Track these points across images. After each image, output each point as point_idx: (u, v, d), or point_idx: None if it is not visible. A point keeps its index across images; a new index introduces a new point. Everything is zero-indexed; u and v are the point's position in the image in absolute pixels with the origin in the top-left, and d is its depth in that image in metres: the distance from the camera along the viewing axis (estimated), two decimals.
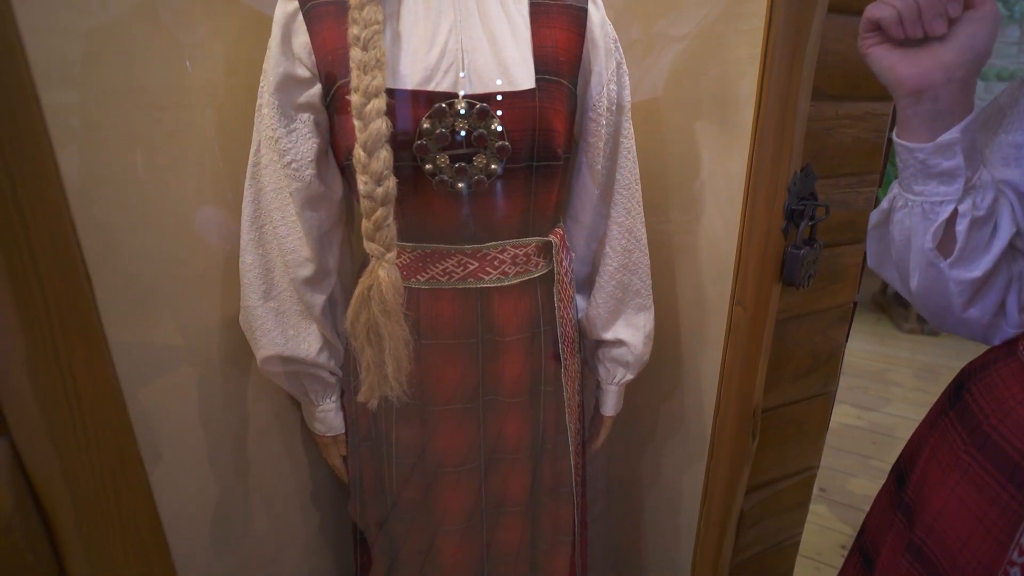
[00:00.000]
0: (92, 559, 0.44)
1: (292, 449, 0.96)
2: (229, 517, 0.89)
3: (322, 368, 0.77)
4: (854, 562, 0.80)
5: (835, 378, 0.84)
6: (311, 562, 1.06)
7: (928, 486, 0.61)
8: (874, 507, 0.78)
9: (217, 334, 0.79)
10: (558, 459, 0.82)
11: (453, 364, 0.73)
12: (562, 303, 0.77)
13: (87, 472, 0.41)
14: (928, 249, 0.53)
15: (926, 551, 0.58)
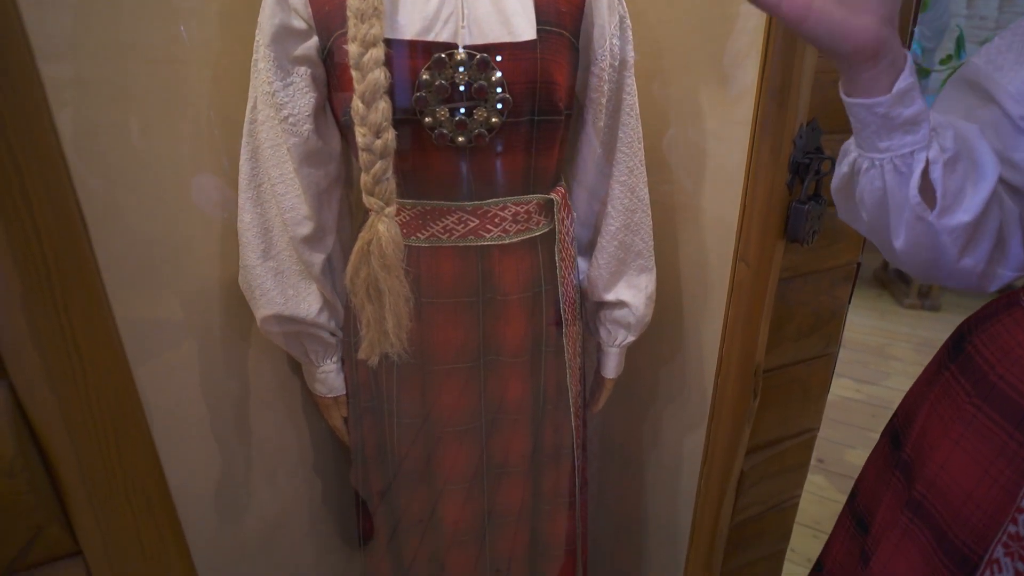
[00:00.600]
0: (95, 503, 0.44)
1: (294, 417, 0.97)
2: (233, 486, 0.89)
3: (322, 328, 0.76)
4: (846, 526, 0.79)
5: (837, 339, 0.83)
6: (316, 530, 1.07)
7: (929, 442, 0.61)
8: (866, 471, 0.77)
9: (216, 296, 0.79)
10: (559, 421, 0.83)
11: (454, 323, 0.73)
12: (563, 263, 0.76)
13: (87, 417, 0.41)
14: (915, 204, 0.50)
15: (927, 506, 0.58)
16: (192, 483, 0.83)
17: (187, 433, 0.80)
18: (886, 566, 0.62)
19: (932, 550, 0.57)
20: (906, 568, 0.60)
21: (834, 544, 0.80)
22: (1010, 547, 0.51)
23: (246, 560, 0.94)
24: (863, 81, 0.48)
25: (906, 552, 0.60)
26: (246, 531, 0.93)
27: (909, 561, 0.60)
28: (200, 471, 0.84)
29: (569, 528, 0.90)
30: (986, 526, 0.52)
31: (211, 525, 0.87)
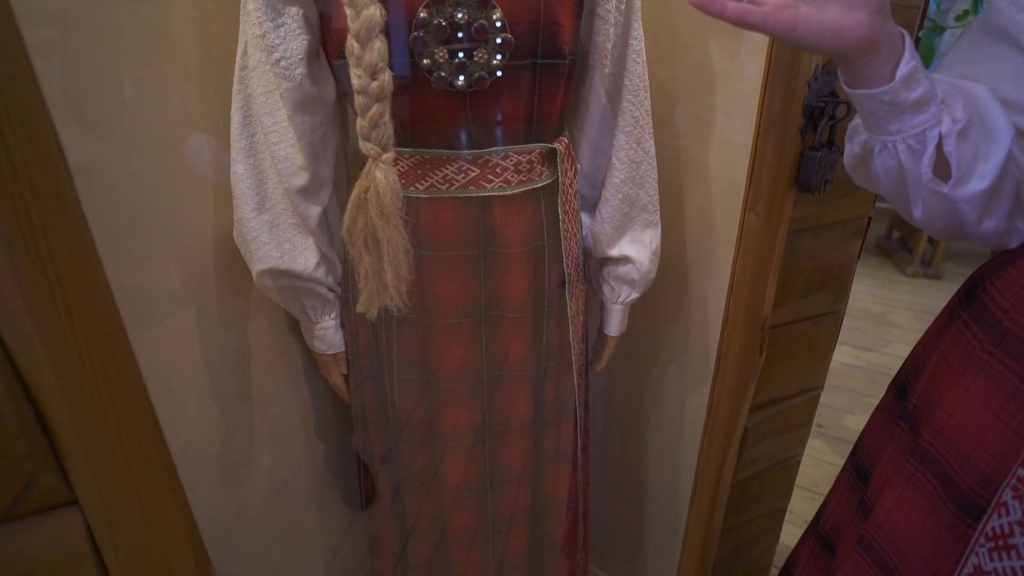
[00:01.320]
0: (88, 451, 0.43)
1: (295, 380, 0.96)
2: (235, 451, 0.89)
3: (320, 284, 0.75)
4: (846, 479, 0.79)
5: (845, 296, 0.82)
6: (318, 491, 1.07)
7: (938, 390, 0.60)
8: (870, 424, 0.76)
9: (212, 255, 0.77)
10: (561, 378, 0.82)
11: (454, 277, 0.71)
12: (567, 216, 0.74)
13: (74, 357, 0.40)
14: (928, 180, 0.51)
15: (934, 454, 0.58)
16: (193, 448, 0.82)
17: (187, 398, 0.80)
18: (889, 515, 0.62)
19: (938, 497, 0.57)
20: (910, 516, 0.60)
21: (833, 496, 0.81)
22: (1019, 490, 0.50)
23: (249, 524, 0.95)
24: (864, 73, 0.48)
25: (910, 500, 0.60)
26: (248, 495, 0.93)
27: (913, 509, 0.60)
28: (201, 436, 0.83)
29: (571, 487, 0.90)
30: (995, 471, 0.52)
31: (213, 490, 0.87)
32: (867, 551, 0.65)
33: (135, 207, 0.67)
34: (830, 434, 2.00)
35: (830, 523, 0.83)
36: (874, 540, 0.64)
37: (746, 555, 1.03)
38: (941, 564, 0.56)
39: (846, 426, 2.04)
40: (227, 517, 0.90)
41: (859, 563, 0.66)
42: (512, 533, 0.88)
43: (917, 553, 0.59)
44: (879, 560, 0.64)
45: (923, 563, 0.58)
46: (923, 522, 0.58)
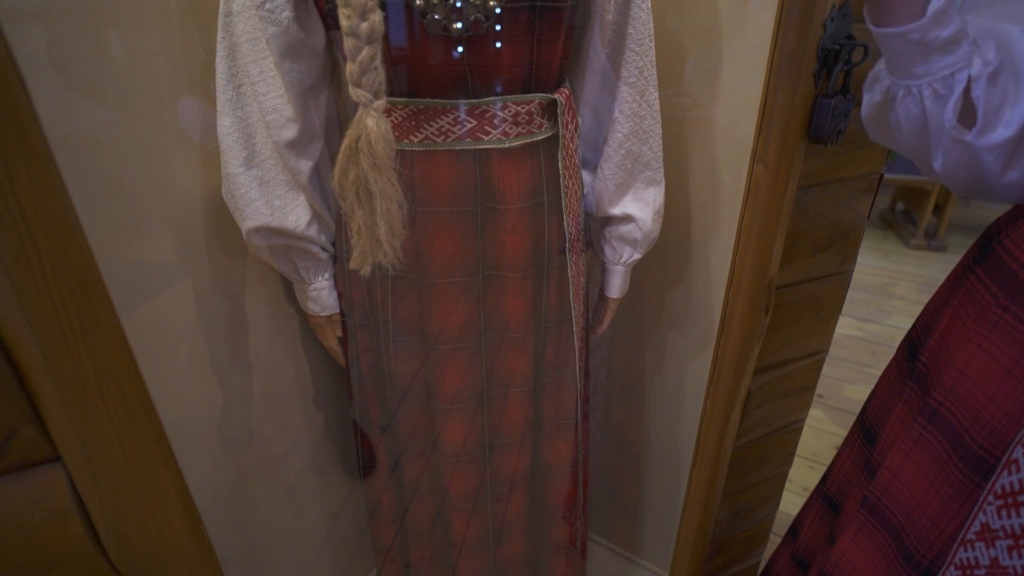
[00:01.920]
0: (67, 403, 0.41)
1: (293, 346, 0.95)
2: (232, 421, 0.88)
3: (312, 242, 0.72)
4: (854, 440, 0.79)
5: (853, 257, 0.80)
6: (317, 460, 1.07)
7: (949, 347, 0.59)
8: (879, 385, 0.76)
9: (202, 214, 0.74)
10: (562, 341, 0.80)
11: (451, 234, 0.69)
12: (567, 171, 0.71)
13: (46, 305, 0.37)
14: (951, 127, 0.48)
15: (944, 413, 0.56)
16: (192, 416, 0.81)
17: (183, 366, 0.78)
18: (895, 476, 0.61)
19: (946, 456, 0.56)
20: (916, 476, 0.59)
21: (840, 457, 0.80)
22: None
23: (248, 494, 0.94)
24: (892, 8, 0.45)
25: (917, 459, 0.59)
26: (247, 465, 0.93)
27: (920, 469, 0.59)
28: (199, 404, 0.82)
29: (571, 452, 0.88)
30: (1006, 427, 0.50)
31: (212, 460, 0.87)
32: (872, 512, 0.64)
33: (118, 167, 0.64)
34: (830, 404, 2.00)
35: (836, 484, 0.82)
36: (879, 501, 0.63)
37: (746, 520, 1.02)
38: (947, 524, 0.55)
39: (847, 396, 2.04)
40: (226, 487, 0.90)
41: (863, 524, 0.65)
42: (511, 498, 0.88)
43: (923, 513, 0.58)
44: (884, 521, 0.63)
45: (929, 523, 0.57)
46: (930, 482, 0.57)
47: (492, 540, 0.90)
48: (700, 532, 0.89)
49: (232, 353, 0.84)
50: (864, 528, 0.65)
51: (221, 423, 0.87)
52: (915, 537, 0.58)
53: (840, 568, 0.68)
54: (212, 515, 0.88)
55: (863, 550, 0.65)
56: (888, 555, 0.62)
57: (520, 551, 0.93)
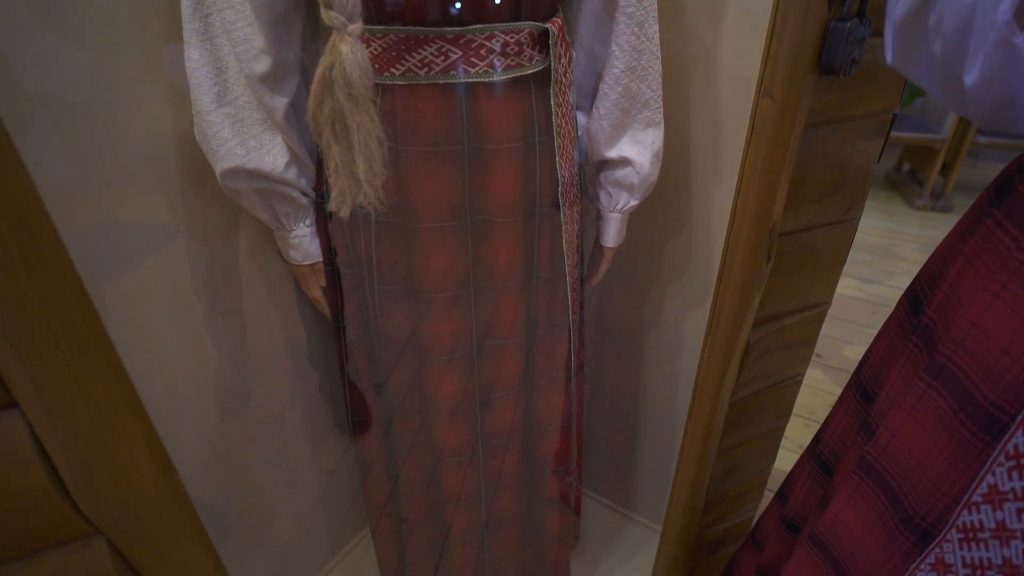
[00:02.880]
0: (12, 336, 0.38)
1: (286, 307, 0.92)
2: (225, 382, 0.87)
3: (291, 186, 0.69)
4: (849, 399, 0.75)
5: (860, 203, 0.76)
6: (313, 418, 1.06)
7: (960, 298, 0.55)
8: (876, 342, 0.72)
9: (174, 158, 0.70)
10: (554, 291, 0.77)
11: (436, 175, 0.65)
12: (560, 109, 0.67)
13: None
14: (1002, 24, 0.42)
15: (951, 368, 0.52)
16: (184, 380, 0.80)
17: (172, 335, 0.76)
18: (895, 436, 0.58)
19: (952, 414, 0.52)
20: (918, 436, 0.55)
21: (834, 418, 0.77)
22: None
23: (245, 452, 0.94)
24: None
25: (919, 418, 0.55)
26: (243, 424, 0.92)
27: (923, 428, 0.55)
28: (191, 368, 0.81)
29: (564, 404, 0.87)
30: (1023, 383, 0.47)
31: (208, 421, 0.86)
32: (868, 473, 0.61)
33: (78, 106, 0.60)
34: (829, 364, 1.99)
35: (829, 446, 0.79)
36: (876, 462, 0.60)
37: (740, 475, 1.02)
38: (951, 485, 0.52)
39: (845, 356, 2.03)
40: (225, 444, 0.90)
41: (859, 485, 0.62)
42: (504, 453, 0.86)
43: (923, 474, 0.54)
44: (881, 482, 0.60)
45: (930, 484, 0.53)
46: (933, 442, 0.53)
47: (485, 495, 0.90)
48: (694, 487, 0.88)
49: (220, 311, 0.82)
50: (860, 490, 0.62)
51: (215, 386, 0.86)
52: (914, 499, 0.55)
53: (833, 531, 0.65)
54: (210, 473, 0.88)
55: (858, 512, 0.62)
56: (884, 517, 0.59)
57: (513, 506, 0.92)
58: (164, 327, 0.75)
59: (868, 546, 0.60)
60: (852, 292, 2.41)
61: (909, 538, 0.55)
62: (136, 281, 0.69)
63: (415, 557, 0.97)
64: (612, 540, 1.22)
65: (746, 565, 1.00)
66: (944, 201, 3.11)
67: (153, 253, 0.71)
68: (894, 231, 2.94)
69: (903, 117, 3.20)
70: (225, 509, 0.93)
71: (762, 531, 0.96)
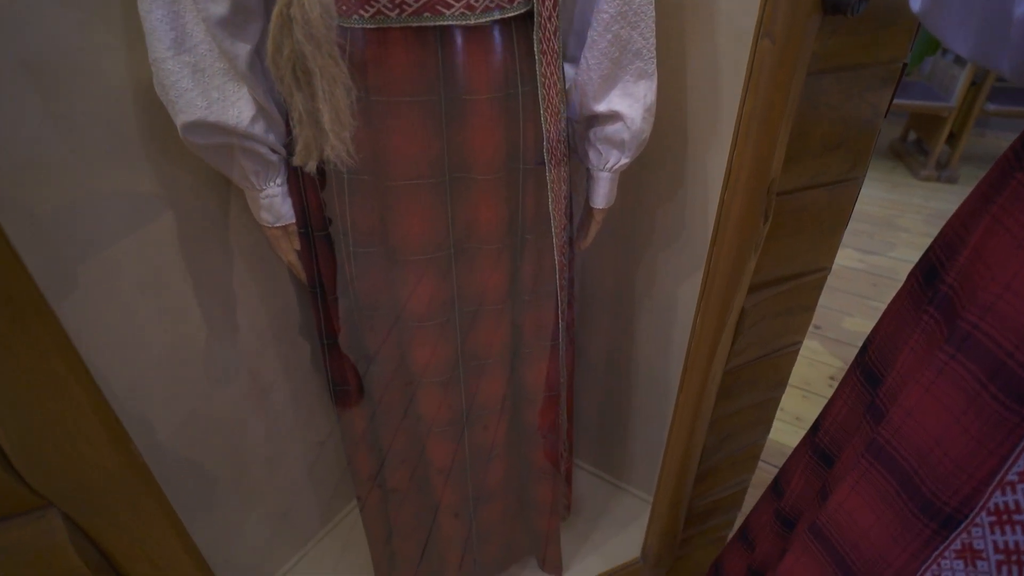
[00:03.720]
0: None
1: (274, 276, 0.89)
2: (213, 353, 0.85)
3: (258, 142, 0.64)
4: (852, 383, 0.71)
5: (865, 162, 0.72)
6: (302, 395, 1.04)
7: (986, 260, 0.50)
8: (883, 320, 0.67)
9: (132, 112, 0.66)
10: (540, 254, 0.73)
11: (410, 127, 0.61)
12: (545, 56, 0.62)
13: None
14: None
15: (978, 337, 0.47)
16: (168, 357, 0.78)
17: (154, 307, 0.74)
18: (911, 413, 0.53)
19: (980, 387, 0.47)
20: (938, 412, 0.50)
21: (835, 403, 0.72)
22: None
23: (230, 428, 0.92)
24: None
25: (939, 394, 0.50)
26: (229, 400, 0.90)
27: (942, 404, 0.50)
28: (180, 341, 0.79)
29: (552, 374, 0.84)
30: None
31: (192, 396, 0.84)
32: (878, 457, 0.56)
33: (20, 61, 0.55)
34: (827, 335, 1.97)
35: (830, 434, 0.73)
36: (888, 444, 0.55)
37: (734, 445, 1.00)
38: (978, 466, 0.47)
39: (845, 328, 2.00)
40: (217, 414, 0.88)
41: (866, 471, 0.57)
42: (491, 422, 0.84)
43: (944, 455, 0.49)
44: (892, 467, 0.55)
45: (952, 466, 0.49)
46: (955, 419, 0.49)
47: (472, 466, 0.88)
48: (685, 458, 0.86)
49: (204, 281, 0.80)
50: (867, 476, 0.57)
51: (205, 355, 0.84)
52: (933, 483, 0.50)
53: (835, 521, 0.61)
54: (198, 445, 0.87)
55: (865, 500, 0.57)
56: (896, 504, 0.54)
57: (502, 477, 0.90)
58: (144, 299, 0.73)
59: (876, 536, 0.56)
60: (852, 263, 2.37)
61: (929, 525, 0.51)
62: (110, 256, 0.67)
63: (403, 528, 0.96)
64: (604, 511, 1.21)
65: (736, 565, 0.95)
66: (950, 171, 3.05)
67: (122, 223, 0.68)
68: (897, 202, 2.89)
69: (910, 84, 3.12)
70: (213, 480, 0.92)
71: (753, 528, 0.91)
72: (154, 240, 0.72)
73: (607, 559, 1.10)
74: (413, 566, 1.01)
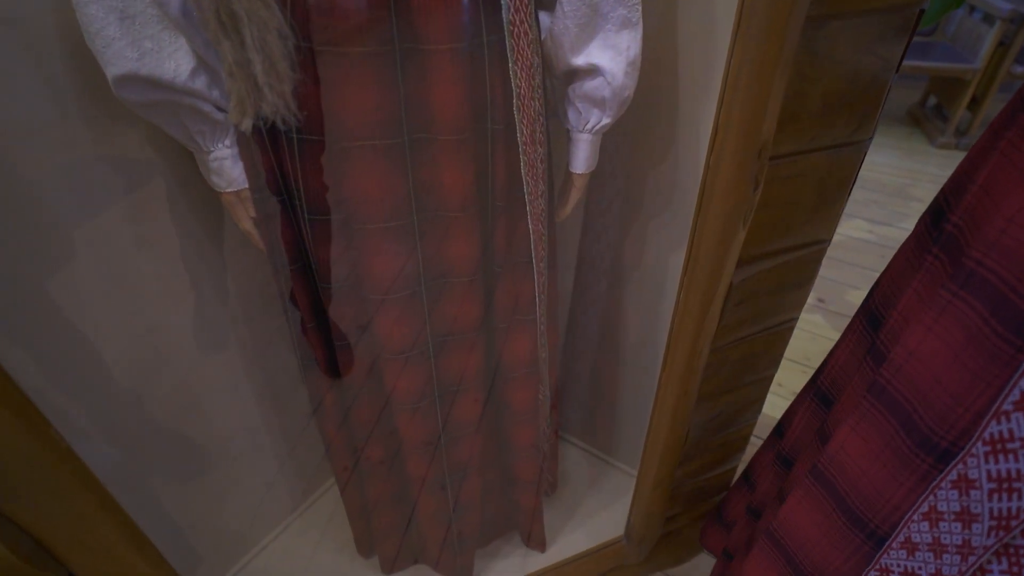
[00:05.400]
0: None
1: None
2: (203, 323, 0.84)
3: (200, 98, 0.58)
4: (856, 327, 0.71)
5: (871, 124, 0.65)
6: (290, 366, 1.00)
7: (994, 197, 0.48)
8: (891, 265, 0.67)
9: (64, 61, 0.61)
10: (513, 222, 0.68)
11: (361, 81, 0.55)
12: (513, 1, 0.55)
13: None
14: None
15: (983, 273, 0.46)
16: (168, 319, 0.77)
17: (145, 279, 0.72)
18: (913, 352, 0.52)
19: (982, 323, 0.46)
20: (940, 350, 0.50)
21: (838, 348, 0.73)
22: None
23: (220, 397, 0.91)
24: None
25: (941, 333, 0.50)
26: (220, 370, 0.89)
27: (943, 341, 0.49)
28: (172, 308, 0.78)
29: (530, 350, 0.80)
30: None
31: (190, 360, 0.83)
32: (879, 397, 0.56)
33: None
34: (831, 309, 1.90)
35: (831, 377, 0.75)
36: (889, 384, 0.55)
37: (726, 425, 0.96)
38: (975, 399, 0.47)
39: (848, 301, 1.94)
40: (208, 380, 0.88)
41: (867, 411, 0.57)
42: (462, 400, 0.80)
43: (943, 391, 0.49)
44: (893, 406, 0.55)
45: (951, 401, 0.49)
46: (955, 355, 0.48)
47: (446, 442, 0.84)
48: (671, 436, 0.82)
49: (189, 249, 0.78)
50: (868, 416, 0.57)
51: (196, 325, 0.83)
52: (931, 419, 0.51)
53: (836, 462, 0.61)
54: (187, 417, 0.87)
55: (865, 440, 0.58)
56: (895, 442, 0.55)
57: (478, 453, 0.87)
58: (133, 273, 0.72)
59: (875, 475, 0.57)
60: (861, 234, 2.29)
61: (926, 460, 0.52)
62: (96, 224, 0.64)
63: (380, 504, 0.94)
64: (590, 486, 1.18)
65: (736, 505, 0.98)
66: (969, 138, 2.92)
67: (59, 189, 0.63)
68: (911, 170, 2.78)
69: (932, 45, 2.96)
70: (201, 452, 0.91)
71: (755, 469, 0.94)
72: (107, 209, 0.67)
73: (592, 536, 1.07)
74: (393, 541, 1.00)
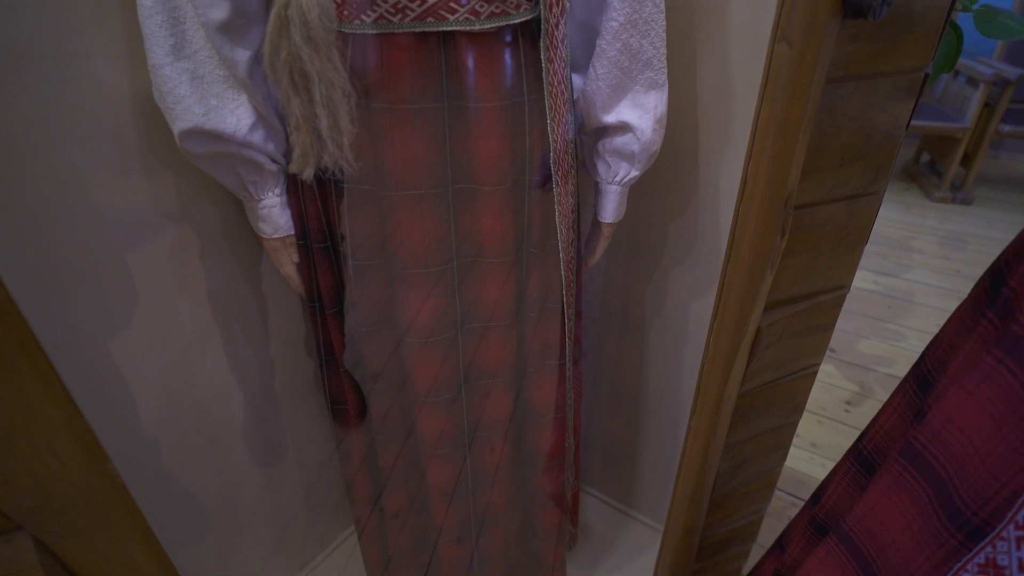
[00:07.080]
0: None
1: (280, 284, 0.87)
2: (218, 365, 0.84)
3: (257, 151, 0.62)
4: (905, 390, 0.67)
5: (885, 175, 0.69)
6: (304, 411, 1.01)
7: None
8: (947, 325, 0.64)
9: (131, 118, 0.65)
10: (546, 269, 0.71)
11: (412, 136, 0.59)
12: (552, 64, 0.60)
13: None
14: None
15: None
16: (162, 376, 0.76)
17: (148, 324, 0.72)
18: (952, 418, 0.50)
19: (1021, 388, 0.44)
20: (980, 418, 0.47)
21: (885, 411, 0.69)
22: None
23: (230, 443, 0.90)
24: None
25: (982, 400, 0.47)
26: (230, 413, 0.87)
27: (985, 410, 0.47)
28: (168, 362, 0.77)
29: (558, 395, 0.80)
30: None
31: (196, 409, 0.82)
32: (914, 461, 0.53)
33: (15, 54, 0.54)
34: (842, 359, 1.91)
35: (874, 441, 0.70)
36: (925, 448, 0.52)
37: (748, 472, 0.95)
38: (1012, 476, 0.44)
39: (860, 351, 1.94)
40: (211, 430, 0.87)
41: (901, 474, 0.54)
42: (493, 445, 0.80)
43: (980, 463, 0.46)
44: (928, 472, 0.52)
45: (987, 474, 0.46)
46: (997, 426, 0.46)
47: (473, 490, 0.84)
48: (698, 485, 0.82)
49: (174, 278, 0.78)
50: (901, 480, 0.55)
51: (206, 372, 0.82)
52: (966, 492, 0.48)
53: (864, 524, 0.58)
54: (195, 463, 0.85)
55: (897, 505, 0.55)
56: (927, 511, 0.52)
57: (503, 502, 0.86)
58: (142, 312, 0.72)
59: (904, 543, 0.53)
60: (867, 285, 2.32)
61: (956, 536, 0.48)
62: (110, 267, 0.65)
63: (401, 553, 0.92)
64: (612, 540, 1.15)
65: (766, 568, 0.94)
66: (964, 193, 3.01)
67: (117, 233, 0.66)
68: (911, 224, 2.84)
69: (923, 106, 3.09)
70: (209, 500, 0.89)
71: (789, 534, 0.89)
72: (154, 251, 0.70)
73: None
74: None
